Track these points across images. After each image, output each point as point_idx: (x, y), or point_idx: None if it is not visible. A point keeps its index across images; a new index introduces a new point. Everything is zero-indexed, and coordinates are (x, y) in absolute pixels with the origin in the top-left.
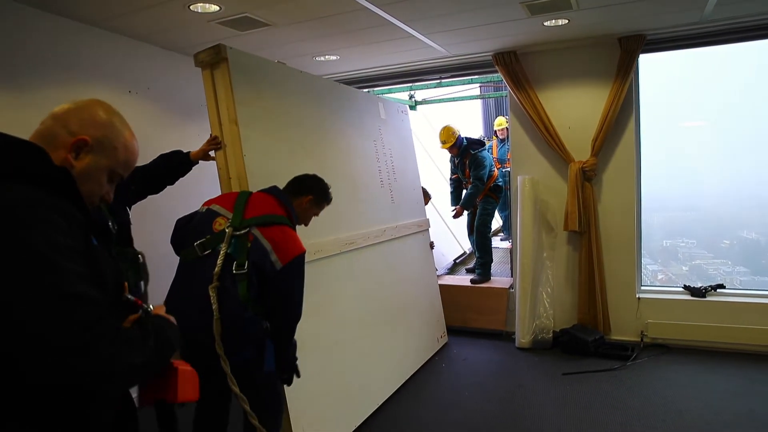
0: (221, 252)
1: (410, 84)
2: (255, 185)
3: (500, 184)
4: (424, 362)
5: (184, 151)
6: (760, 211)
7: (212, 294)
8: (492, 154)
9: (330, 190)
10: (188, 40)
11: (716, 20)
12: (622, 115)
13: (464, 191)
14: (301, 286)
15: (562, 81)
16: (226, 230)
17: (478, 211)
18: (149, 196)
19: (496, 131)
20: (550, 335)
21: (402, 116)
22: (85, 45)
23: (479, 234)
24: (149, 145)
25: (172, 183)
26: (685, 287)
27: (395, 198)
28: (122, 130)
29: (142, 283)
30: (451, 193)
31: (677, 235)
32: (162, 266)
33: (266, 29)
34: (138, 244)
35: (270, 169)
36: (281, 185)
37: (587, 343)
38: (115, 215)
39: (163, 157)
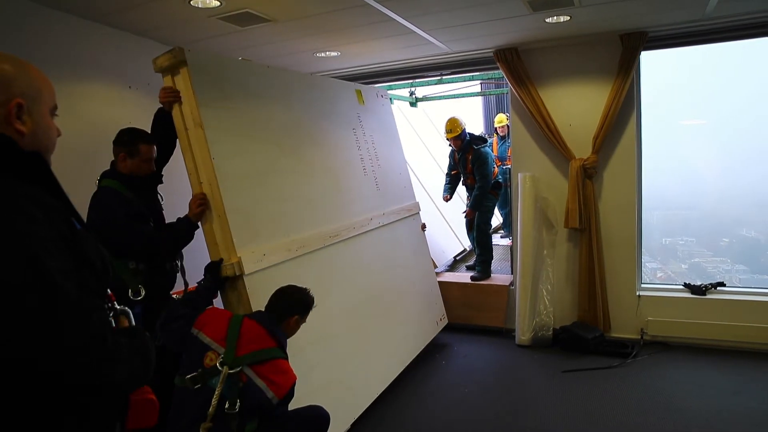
0: (216, 392)
1: (411, 80)
2: (228, 188)
3: (500, 180)
4: (424, 346)
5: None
6: (760, 210)
7: None
8: (492, 151)
9: (310, 294)
10: (189, 35)
11: (718, 17)
12: (623, 112)
13: (459, 184)
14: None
15: (564, 78)
16: (220, 368)
17: None
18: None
19: (496, 128)
20: (550, 332)
21: (382, 101)
22: (85, 40)
23: (480, 231)
24: None
25: (174, 140)
26: (686, 285)
27: (380, 185)
28: (30, 70)
29: (177, 262)
30: (446, 184)
31: (677, 233)
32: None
33: (267, 25)
34: None
35: (242, 170)
36: (255, 186)
37: (587, 340)
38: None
39: (154, 120)
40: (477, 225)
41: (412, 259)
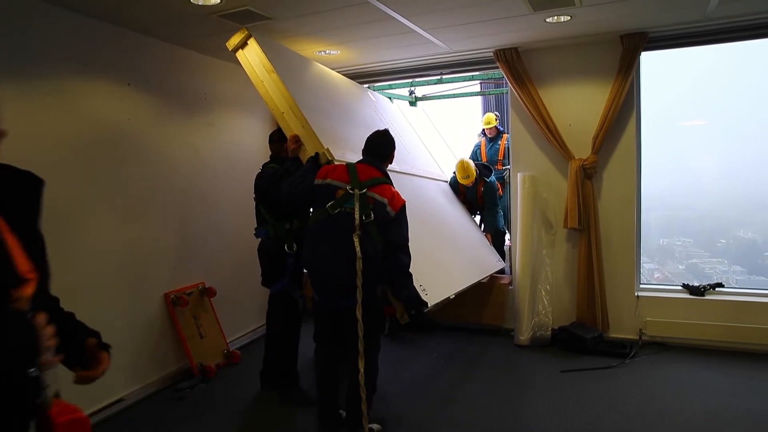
0: (356, 208)
1: (411, 80)
2: (304, 107)
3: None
4: (487, 275)
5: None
6: (757, 211)
7: (356, 240)
8: (482, 157)
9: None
10: (188, 32)
11: (719, 18)
12: (623, 113)
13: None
14: (407, 225)
15: (564, 78)
16: (351, 191)
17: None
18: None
19: (483, 130)
20: (549, 332)
21: (381, 100)
22: (84, 36)
23: (498, 233)
24: (148, 137)
25: None
26: (684, 286)
27: (409, 150)
28: None
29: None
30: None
31: (674, 234)
32: None
33: (267, 22)
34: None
35: (309, 102)
36: (318, 113)
37: (585, 340)
38: None
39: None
40: (495, 229)
41: (457, 209)
